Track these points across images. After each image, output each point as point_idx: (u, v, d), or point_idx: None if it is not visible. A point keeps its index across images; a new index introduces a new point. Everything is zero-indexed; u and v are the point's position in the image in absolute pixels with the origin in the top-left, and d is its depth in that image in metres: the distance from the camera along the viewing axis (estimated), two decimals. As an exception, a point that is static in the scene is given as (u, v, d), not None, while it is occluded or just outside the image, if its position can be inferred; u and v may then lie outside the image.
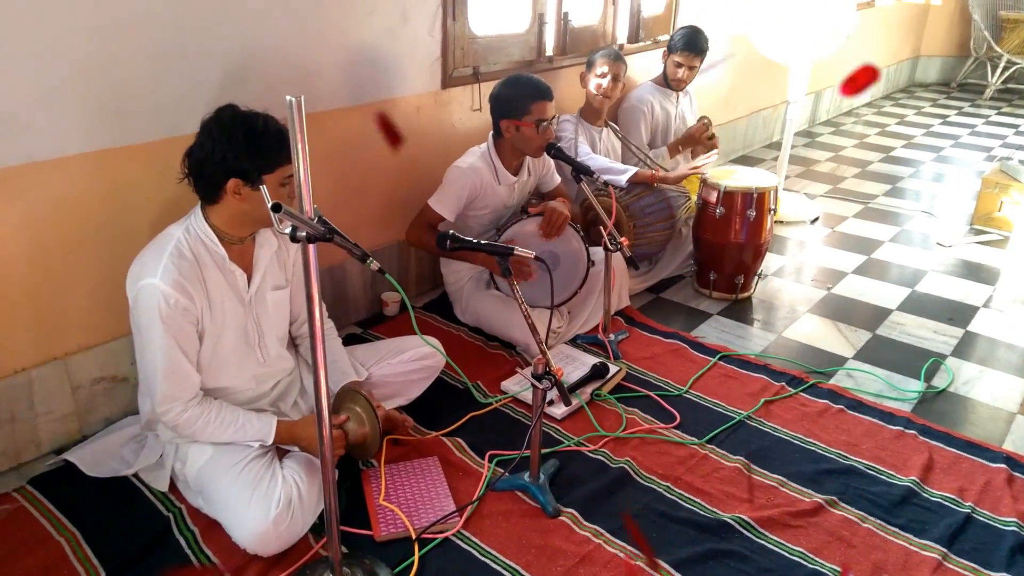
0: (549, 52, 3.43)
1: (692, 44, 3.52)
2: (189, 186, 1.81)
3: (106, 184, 2.08)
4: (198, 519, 1.91)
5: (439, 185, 2.72)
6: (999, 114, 7.21)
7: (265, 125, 1.75)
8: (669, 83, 3.66)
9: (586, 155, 3.22)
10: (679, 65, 3.57)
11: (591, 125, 3.36)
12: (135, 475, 2.04)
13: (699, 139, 3.65)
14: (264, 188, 1.42)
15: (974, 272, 3.64)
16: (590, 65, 3.27)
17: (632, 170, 3.16)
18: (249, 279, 1.92)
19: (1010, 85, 8.02)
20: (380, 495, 2.00)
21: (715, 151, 3.46)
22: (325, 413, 1.53)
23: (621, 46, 3.89)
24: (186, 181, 1.81)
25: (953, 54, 8.44)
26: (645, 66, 3.93)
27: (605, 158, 3.34)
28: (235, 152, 1.71)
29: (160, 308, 1.72)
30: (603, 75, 3.22)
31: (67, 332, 2.12)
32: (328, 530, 1.66)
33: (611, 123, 3.46)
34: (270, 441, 1.88)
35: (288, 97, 1.28)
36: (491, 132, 2.76)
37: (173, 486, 2.00)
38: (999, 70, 7.72)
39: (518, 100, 2.61)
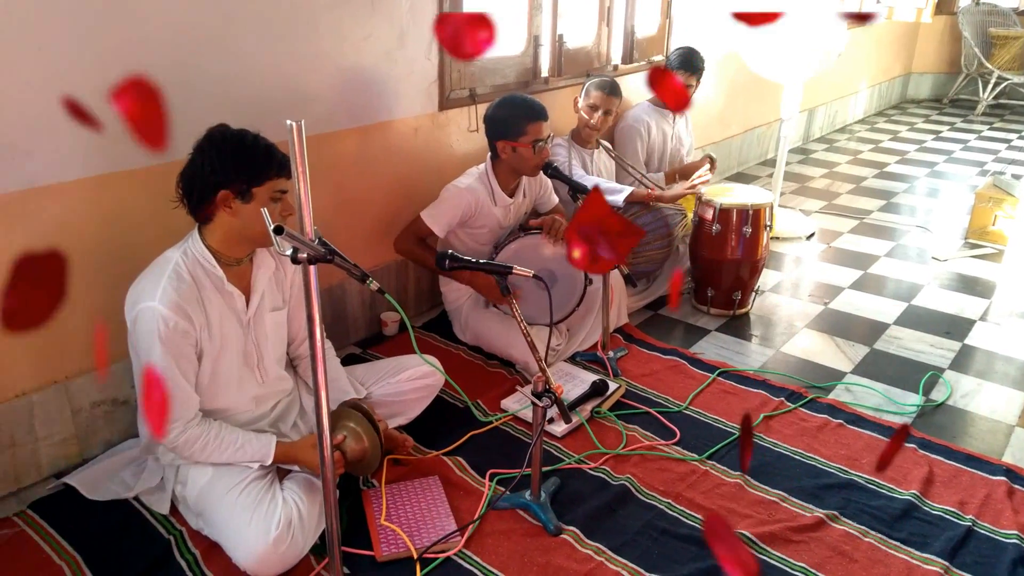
0: (544, 73, 3.47)
1: (688, 63, 3.55)
2: (184, 210, 1.83)
3: (105, 209, 2.10)
4: (199, 541, 1.91)
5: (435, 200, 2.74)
6: (991, 129, 7.28)
7: (255, 139, 1.79)
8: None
9: (580, 177, 3.24)
10: None
11: (583, 148, 3.38)
12: (136, 498, 2.04)
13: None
14: (265, 211, 1.43)
15: (970, 286, 3.66)
16: (585, 93, 3.28)
17: (628, 189, 3.17)
18: (248, 301, 1.94)
19: (1001, 100, 8.10)
20: (381, 515, 2.00)
21: (708, 174, 3.43)
22: (327, 435, 1.53)
23: (616, 67, 3.93)
24: (181, 207, 1.83)
25: (944, 71, 8.53)
26: (639, 88, 3.97)
27: (600, 178, 3.36)
28: (223, 164, 1.74)
29: (160, 331, 1.73)
30: (594, 107, 3.23)
31: (67, 356, 2.13)
32: (329, 551, 1.66)
33: (604, 143, 3.48)
34: (269, 461, 1.89)
35: (288, 121, 1.30)
36: (489, 154, 2.78)
37: (174, 509, 2.00)
38: (990, 86, 7.80)
39: (513, 121, 2.64)
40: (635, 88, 3.99)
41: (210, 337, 1.85)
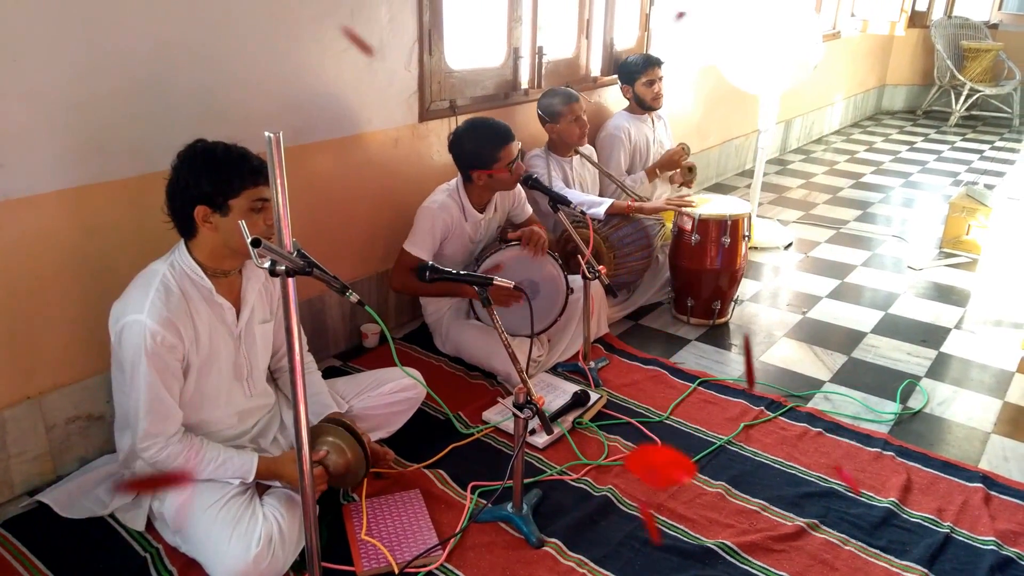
0: (524, 85, 3.48)
1: (650, 59, 3.67)
2: (174, 231, 1.82)
3: (83, 221, 2.07)
4: (176, 559, 1.88)
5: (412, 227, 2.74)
6: (964, 140, 7.40)
7: (226, 150, 1.76)
8: (648, 106, 3.72)
9: (560, 190, 3.24)
10: (651, 83, 3.65)
11: (561, 157, 3.38)
12: (111, 515, 2.01)
13: (677, 162, 3.71)
14: (243, 223, 1.42)
15: (945, 294, 3.71)
16: (557, 115, 3.22)
17: (608, 202, 3.18)
18: (238, 313, 1.92)
19: (974, 112, 8.24)
20: (362, 530, 1.98)
21: (689, 193, 3.45)
22: (305, 448, 1.52)
23: (595, 79, 3.96)
24: (170, 222, 1.82)
25: (918, 83, 8.68)
26: (619, 98, 3.99)
27: (580, 192, 3.37)
28: (195, 177, 1.72)
29: (147, 345, 1.71)
30: (576, 119, 3.23)
31: (41, 371, 2.09)
32: (310, 567, 1.64)
33: (581, 151, 3.46)
34: (251, 478, 1.86)
35: (267, 133, 1.29)
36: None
37: (150, 525, 1.97)
38: (962, 98, 7.94)
39: (485, 150, 2.64)
40: (615, 99, 4.02)
41: (198, 350, 1.83)
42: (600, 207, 3.16)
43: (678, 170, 3.80)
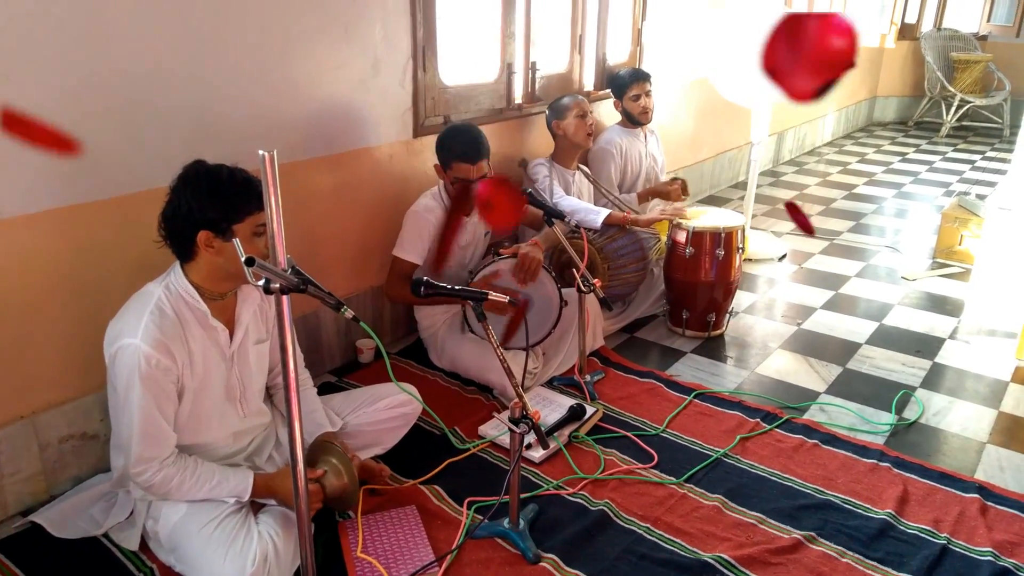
0: (518, 100, 3.50)
1: (637, 73, 3.71)
2: (167, 249, 1.81)
3: (76, 239, 2.07)
4: (171, 578, 1.87)
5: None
6: (955, 151, 7.46)
7: (230, 175, 1.75)
8: (637, 120, 3.74)
9: (560, 196, 3.26)
10: (637, 97, 3.68)
11: (564, 168, 3.40)
12: (105, 535, 1.99)
13: (671, 198, 3.73)
14: (237, 242, 1.42)
15: (939, 304, 3.72)
16: (564, 110, 3.30)
17: (606, 212, 3.20)
18: (231, 335, 1.91)
19: (964, 123, 8.31)
20: (358, 547, 1.97)
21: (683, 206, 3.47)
22: (300, 466, 1.51)
23: (588, 93, 3.98)
24: (165, 245, 1.81)
25: (908, 94, 8.75)
26: (613, 113, 4.01)
27: (579, 200, 3.38)
28: (200, 203, 1.71)
29: (140, 369, 1.70)
30: (582, 115, 3.28)
31: (35, 390, 2.08)
32: (305, 585, 1.63)
33: (581, 167, 3.51)
34: (247, 497, 1.85)
35: (260, 151, 1.30)
36: None
37: (144, 545, 1.95)
38: (953, 108, 8.01)
39: (443, 154, 2.71)
40: (609, 114, 4.04)
41: (192, 373, 1.82)
42: (598, 217, 3.17)
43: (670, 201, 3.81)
